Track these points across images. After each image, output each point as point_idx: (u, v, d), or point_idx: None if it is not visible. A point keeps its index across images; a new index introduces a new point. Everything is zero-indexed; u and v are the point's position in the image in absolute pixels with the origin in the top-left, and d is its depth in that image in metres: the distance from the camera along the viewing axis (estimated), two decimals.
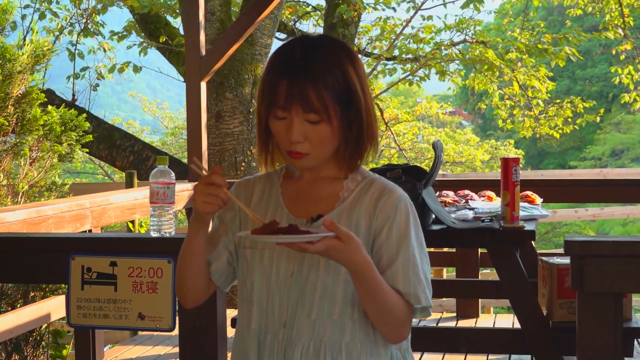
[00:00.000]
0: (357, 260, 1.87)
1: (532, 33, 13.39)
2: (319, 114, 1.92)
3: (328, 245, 1.83)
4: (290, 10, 11.96)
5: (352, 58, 2.01)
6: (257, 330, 2.03)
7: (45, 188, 5.61)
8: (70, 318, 2.95)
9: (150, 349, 5.44)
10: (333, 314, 1.97)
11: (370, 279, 1.90)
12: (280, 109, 1.94)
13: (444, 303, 7.03)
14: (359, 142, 2.00)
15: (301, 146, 1.96)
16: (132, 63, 11.42)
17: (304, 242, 1.82)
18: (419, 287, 1.95)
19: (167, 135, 22.21)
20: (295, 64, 1.94)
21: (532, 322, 3.75)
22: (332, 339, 1.97)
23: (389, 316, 1.95)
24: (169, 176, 2.89)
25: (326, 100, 1.92)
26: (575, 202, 7.33)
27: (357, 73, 1.99)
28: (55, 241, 3.13)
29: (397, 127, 16.07)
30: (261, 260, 2.02)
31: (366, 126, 2.00)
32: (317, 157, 1.99)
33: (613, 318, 2.42)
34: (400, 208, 1.99)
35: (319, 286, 1.97)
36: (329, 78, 1.93)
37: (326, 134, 1.95)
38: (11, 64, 5.35)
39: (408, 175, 3.65)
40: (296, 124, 1.93)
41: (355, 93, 1.97)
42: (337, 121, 1.95)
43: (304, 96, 1.91)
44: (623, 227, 22.32)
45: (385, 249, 1.97)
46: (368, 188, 2.03)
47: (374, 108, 2.04)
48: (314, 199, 2.04)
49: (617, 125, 28.44)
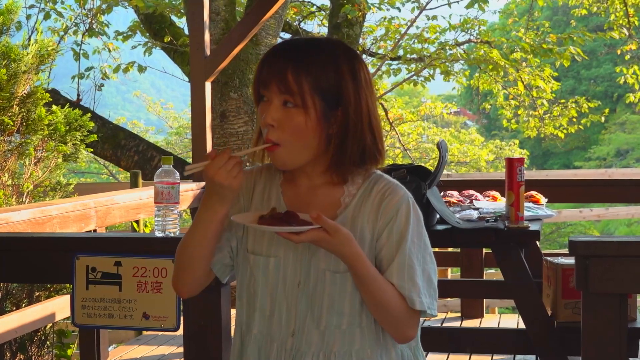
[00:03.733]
0: (346, 253, 1.87)
1: (537, 33, 13.37)
2: (294, 97, 1.90)
3: (313, 237, 1.83)
4: (295, 10, 11.95)
5: (354, 62, 1.97)
6: (258, 336, 2.02)
7: (50, 188, 5.61)
8: (75, 318, 2.95)
9: (155, 348, 5.44)
10: (341, 324, 1.96)
11: (362, 272, 1.89)
12: (262, 85, 1.94)
13: (449, 303, 7.02)
14: (343, 147, 1.94)
15: (273, 132, 1.92)
16: (136, 63, 11.42)
17: (287, 232, 1.83)
18: (414, 290, 1.92)
19: (172, 135, 22.21)
20: (287, 49, 1.96)
21: (537, 322, 3.75)
22: (342, 348, 1.96)
23: (387, 313, 1.94)
24: (174, 176, 2.89)
25: (304, 86, 1.90)
26: (580, 202, 7.33)
27: (354, 77, 1.95)
28: (60, 241, 3.14)
29: (401, 127, 16.06)
30: (266, 268, 2.00)
31: (352, 133, 1.94)
32: (290, 151, 1.93)
33: (618, 318, 2.42)
34: (401, 210, 1.95)
35: (326, 298, 1.95)
36: (315, 69, 1.92)
37: (300, 122, 1.91)
38: (16, 63, 5.35)
39: (413, 175, 3.65)
40: (274, 105, 1.92)
41: (345, 96, 1.94)
42: (316, 114, 1.91)
43: (282, 76, 1.90)
44: (628, 228, 22.29)
45: (385, 251, 1.95)
46: (370, 190, 1.98)
47: (375, 118, 1.99)
48: (314, 206, 1.97)
49: (622, 126, 28.41)
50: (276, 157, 1.95)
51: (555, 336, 3.71)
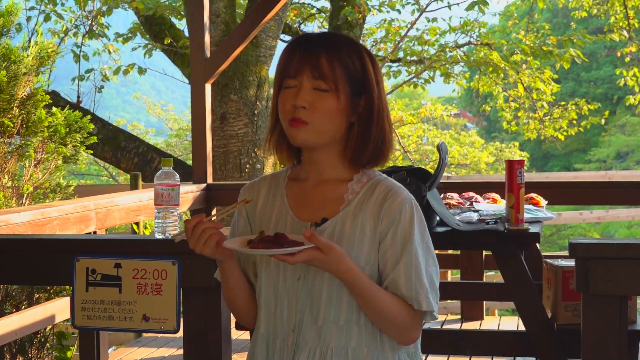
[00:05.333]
0: (341, 269, 1.88)
1: (537, 35, 13.38)
2: (328, 82, 1.94)
3: (308, 257, 1.84)
4: (295, 12, 11.96)
5: (372, 58, 2.04)
6: (265, 335, 2.04)
7: (50, 190, 5.61)
8: (75, 320, 2.95)
9: (155, 350, 5.44)
10: (339, 320, 1.97)
11: (357, 286, 1.91)
12: (291, 77, 1.97)
13: (449, 305, 7.02)
14: (366, 134, 1.99)
15: (304, 112, 1.95)
16: (136, 65, 11.43)
17: (282, 254, 1.83)
18: (421, 291, 1.94)
19: (172, 137, 22.22)
20: (313, 38, 2.00)
21: (537, 324, 3.75)
22: (339, 344, 1.97)
23: (387, 321, 1.95)
24: (174, 178, 2.89)
25: (337, 72, 1.95)
26: (580, 204, 7.32)
27: (375, 70, 2.02)
28: (60, 243, 3.13)
29: (401, 129, 16.06)
30: (268, 265, 2.02)
31: (376, 120, 2.00)
32: (317, 130, 1.96)
33: (618, 320, 2.42)
34: (404, 211, 1.97)
35: (325, 292, 1.96)
36: (344, 56, 1.97)
37: (332, 105, 1.95)
38: (16, 65, 5.35)
39: (413, 178, 3.65)
40: (304, 88, 1.95)
41: (370, 83, 1.99)
42: (345, 99, 1.96)
43: (316, 62, 1.95)
44: (628, 230, 22.28)
45: (390, 253, 1.96)
46: (373, 190, 2.00)
47: (388, 112, 2.06)
48: (319, 202, 2.02)
49: (622, 128, 28.40)
50: (300, 134, 1.97)
51: (555, 338, 3.71)
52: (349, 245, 1.95)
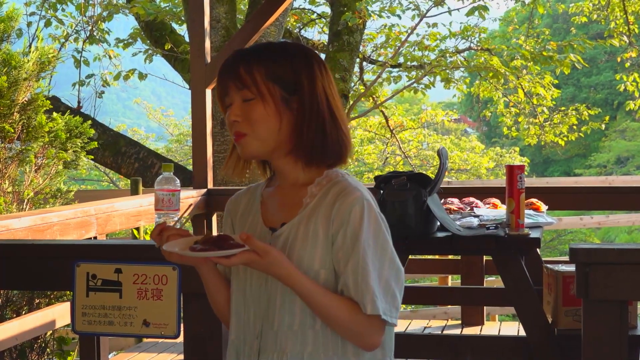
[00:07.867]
0: (282, 274, 1.88)
1: (537, 40, 13.39)
2: (251, 89, 1.95)
3: (244, 259, 1.84)
4: (296, 17, 11.97)
5: (305, 51, 2.03)
6: (235, 342, 2.05)
7: (50, 195, 5.61)
8: (75, 325, 2.95)
9: (155, 356, 5.44)
10: (293, 325, 1.95)
11: (300, 291, 1.89)
12: (224, 96, 2.00)
13: (449, 310, 7.01)
14: (307, 133, 1.97)
15: (240, 125, 1.98)
16: (137, 70, 11.43)
17: (218, 257, 1.84)
18: (366, 294, 1.88)
19: (172, 142, 22.23)
20: (233, 54, 2.02)
21: (537, 329, 3.74)
22: (294, 350, 1.94)
23: (338, 325, 1.92)
24: (174, 183, 2.89)
25: (257, 78, 1.95)
26: (580, 209, 7.32)
27: (307, 64, 2.00)
28: (60, 248, 3.13)
29: (402, 134, 16.07)
30: (237, 272, 2.05)
31: (315, 117, 1.97)
32: (256, 138, 1.97)
33: (618, 326, 2.41)
34: (354, 211, 1.92)
35: (279, 297, 1.96)
36: (265, 58, 1.98)
37: (261, 111, 1.96)
38: (17, 71, 5.36)
39: (413, 183, 3.66)
40: (235, 103, 1.98)
41: (300, 82, 1.97)
42: (273, 100, 1.96)
43: (236, 74, 1.97)
44: (628, 235, 22.27)
45: (342, 254, 1.92)
46: (328, 192, 1.98)
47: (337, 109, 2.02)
48: (282, 206, 2.03)
49: (622, 133, 28.42)
50: (243, 146, 2.00)
51: (555, 343, 3.71)
52: (302, 249, 1.94)
